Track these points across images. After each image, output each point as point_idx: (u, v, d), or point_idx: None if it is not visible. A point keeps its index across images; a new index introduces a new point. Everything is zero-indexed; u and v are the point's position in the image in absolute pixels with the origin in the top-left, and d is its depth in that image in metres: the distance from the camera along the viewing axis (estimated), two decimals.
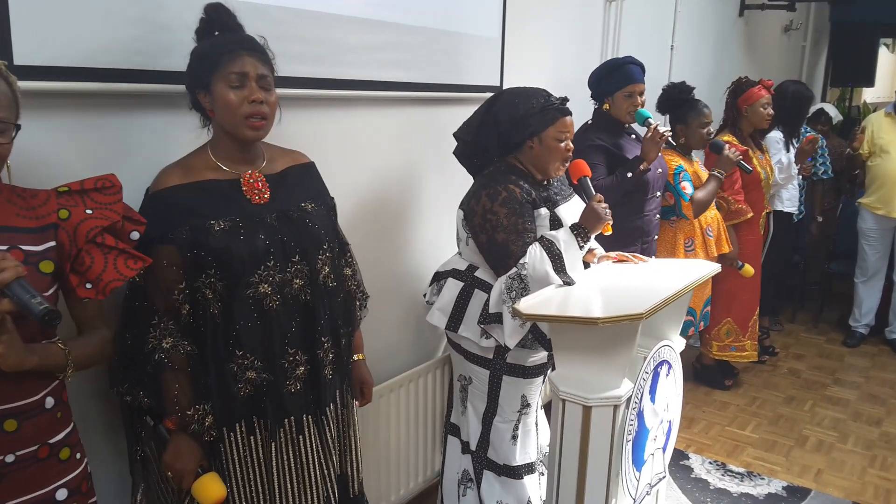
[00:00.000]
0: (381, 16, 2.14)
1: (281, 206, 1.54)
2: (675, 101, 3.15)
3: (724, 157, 3.02)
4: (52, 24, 1.38)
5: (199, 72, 1.45)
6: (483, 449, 2.22)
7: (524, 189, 2.03)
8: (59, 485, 1.26)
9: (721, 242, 3.27)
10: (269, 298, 1.49)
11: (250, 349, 1.49)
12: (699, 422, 3.48)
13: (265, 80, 1.46)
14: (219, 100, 1.44)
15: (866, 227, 4.43)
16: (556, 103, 2.06)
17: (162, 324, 1.44)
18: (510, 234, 1.98)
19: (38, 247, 1.21)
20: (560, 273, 1.93)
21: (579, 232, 2.00)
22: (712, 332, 3.71)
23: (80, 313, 1.33)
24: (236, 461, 1.53)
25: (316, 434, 1.62)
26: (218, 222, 1.44)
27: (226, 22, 1.48)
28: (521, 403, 2.17)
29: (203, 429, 1.47)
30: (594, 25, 3.36)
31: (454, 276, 2.16)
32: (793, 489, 2.88)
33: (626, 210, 2.61)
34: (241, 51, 1.43)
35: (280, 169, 1.60)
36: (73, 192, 1.28)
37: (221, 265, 1.44)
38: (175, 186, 1.45)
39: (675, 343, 2.09)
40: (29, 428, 1.19)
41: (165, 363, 1.43)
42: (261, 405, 1.53)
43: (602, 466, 1.79)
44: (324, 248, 1.59)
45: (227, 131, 1.48)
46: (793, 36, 6.06)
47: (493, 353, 2.12)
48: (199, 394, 1.48)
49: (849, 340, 4.60)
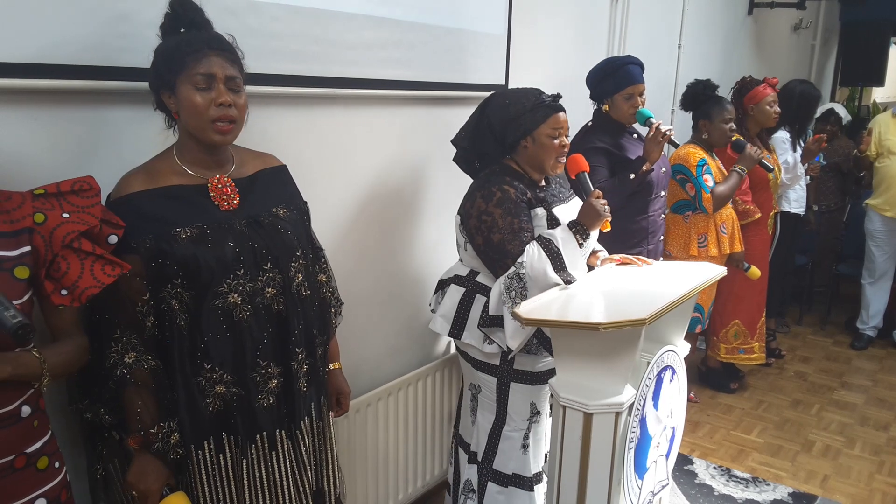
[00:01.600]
0: (382, 12, 2.10)
1: (251, 212, 1.47)
2: (700, 97, 3.19)
3: (747, 154, 3.07)
4: (33, 20, 1.34)
5: (164, 72, 1.37)
6: (489, 460, 2.17)
7: (519, 189, 2.00)
8: (38, 494, 1.23)
9: (734, 240, 3.26)
10: (240, 309, 1.42)
11: (219, 362, 1.42)
12: (704, 426, 3.44)
13: (234, 82, 1.39)
14: (184, 102, 1.36)
15: (874, 228, 4.38)
16: (547, 101, 2.03)
17: (124, 338, 1.36)
18: (506, 234, 1.95)
19: (13, 252, 1.17)
20: (559, 271, 1.90)
21: (577, 229, 1.96)
22: (720, 334, 3.67)
23: (56, 320, 1.28)
24: (205, 480, 1.46)
25: (290, 449, 1.56)
26: (184, 230, 1.37)
27: (192, 18, 1.40)
28: (530, 411, 2.12)
29: (168, 447, 1.40)
30: (600, 23, 3.32)
31: (456, 283, 2.13)
32: (798, 495, 2.84)
33: (630, 211, 2.58)
34: (207, 50, 1.35)
35: (250, 173, 1.53)
36: (50, 195, 1.24)
37: (188, 275, 1.37)
38: (138, 192, 1.38)
39: (679, 348, 2.05)
40: (3, 438, 1.16)
41: (128, 379, 1.36)
42: (230, 421, 1.46)
43: (603, 474, 1.75)
44: (297, 254, 1.53)
45: (193, 135, 1.41)
46: (802, 35, 6.00)
47: (500, 360, 2.08)
48: (164, 410, 1.41)
49: (856, 343, 4.55)
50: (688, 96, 3.24)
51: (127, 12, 1.49)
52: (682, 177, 3.07)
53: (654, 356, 1.88)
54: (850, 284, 4.96)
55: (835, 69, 6.71)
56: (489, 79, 2.59)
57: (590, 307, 1.82)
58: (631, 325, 1.61)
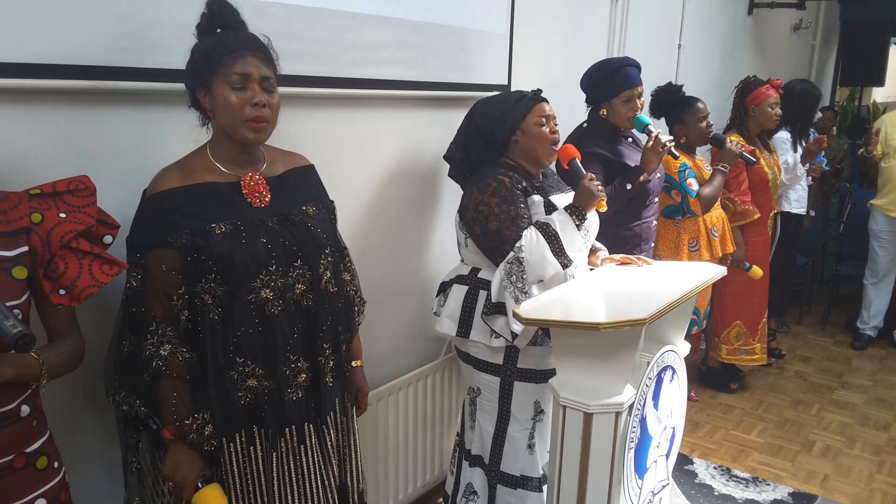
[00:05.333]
0: (385, 12, 2.10)
1: (282, 210, 1.51)
2: (668, 103, 3.14)
3: (727, 150, 3.01)
4: (34, 20, 1.35)
5: (200, 70, 1.41)
6: (496, 462, 2.15)
7: (514, 178, 2.02)
8: (37, 495, 1.22)
9: (726, 242, 3.23)
10: (271, 304, 1.45)
11: (251, 356, 1.45)
12: (704, 425, 3.44)
13: (268, 82, 1.43)
14: (220, 101, 1.40)
15: (878, 228, 4.37)
16: (528, 95, 2.08)
17: (160, 330, 1.40)
18: (503, 221, 1.96)
19: (10, 252, 1.17)
20: (558, 255, 1.91)
21: (573, 210, 1.98)
22: (721, 335, 3.67)
23: (53, 320, 1.28)
24: (236, 473, 1.49)
25: (317, 443, 1.59)
26: (219, 226, 1.41)
27: (228, 19, 1.44)
28: (534, 410, 2.11)
29: (203, 438, 1.43)
30: (601, 23, 3.32)
31: (458, 283, 2.13)
32: (799, 495, 2.84)
33: (624, 217, 2.54)
34: (244, 51, 1.39)
35: (280, 171, 1.57)
36: (46, 195, 1.23)
37: (222, 270, 1.40)
38: (174, 189, 1.41)
39: (680, 348, 2.05)
40: (4, 437, 1.16)
41: (163, 371, 1.39)
42: (261, 414, 1.49)
43: (603, 474, 1.75)
44: (325, 252, 1.56)
45: (228, 133, 1.44)
46: (802, 35, 6.00)
47: (503, 359, 2.07)
48: (198, 402, 1.44)
49: (856, 343, 4.55)
50: (655, 103, 3.17)
51: (127, 12, 1.49)
52: (667, 184, 2.98)
53: (655, 356, 1.87)
54: (850, 284, 4.95)
55: (835, 69, 6.70)
56: (492, 78, 2.58)
57: (590, 307, 1.82)
58: (631, 325, 1.61)
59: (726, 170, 3.04)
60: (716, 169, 3.05)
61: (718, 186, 3.04)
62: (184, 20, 1.48)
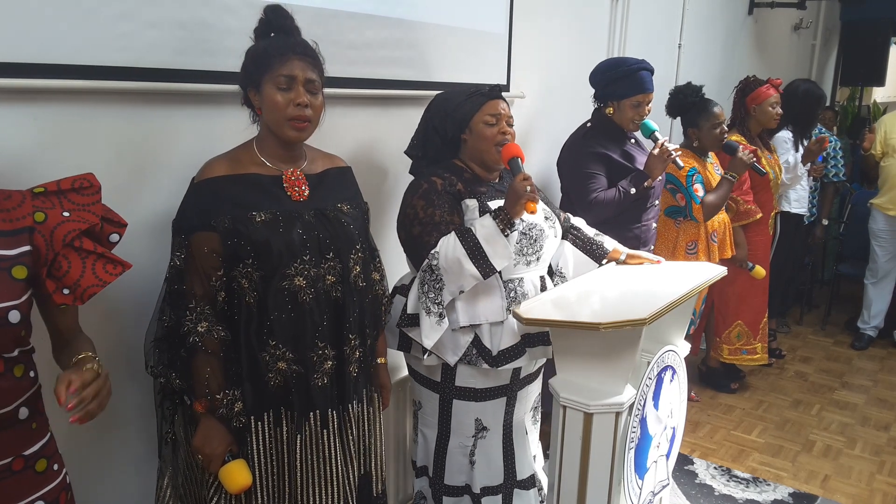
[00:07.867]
0: (383, 11, 2.10)
1: (319, 205, 1.60)
2: (685, 105, 3.08)
3: (738, 159, 2.94)
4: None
5: (252, 71, 1.52)
6: (439, 476, 2.06)
7: (447, 180, 1.89)
8: (36, 497, 1.21)
9: (725, 247, 3.22)
10: (304, 292, 1.53)
11: (283, 340, 1.53)
12: (704, 426, 3.44)
13: (312, 84, 1.52)
14: (267, 100, 1.51)
15: (877, 228, 4.37)
16: (483, 90, 1.94)
17: (199, 308, 1.48)
18: (425, 226, 1.84)
19: (11, 251, 1.15)
20: (478, 263, 1.75)
21: (497, 214, 1.78)
22: (723, 335, 3.66)
23: (58, 320, 1.28)
24: (262, 451, 1.55)
25: (337, 429, 1.64)
26: (259, 214, 1.50)
27: (282, 24, 1.54)
28: (476, 427, 1.99)
29: (232, 414, 1.51)
30: (601, 23, 3.32)
31: (400, 293, 1.99)
32: (799, 496, 2.84)
33: (624, 219, 2.54)
34: (291, 55, 1.49)
35: (319, 170, 1.67)
36: (50, 194, 1.22)
37: (259, 256, 1.49)
38: (220, 177, 1.51)
39: (680, 348, 2.05)
40: (1, 440, 1.15)
41: (199, 346, 1.47)
42: (289, 397, 1.56)
43: (604, 474, 1.75)
44: (356, 248, 1.64)
45: (273, 130, 1.54)
46: (803, 34, 6.00)
47: (441, 377, 1.96)
48: (229, 380, 1.52)
49: (857, 343, 4.55)
50: (673, 104, 3.13)
51: (127, 12, 1.50)
52: (672, 186, 2.99)
53: (655, 356, 1.87)
54: (850, 284, 4.95)
55: (835, 69, 6.71)
56: (491, 78, 2.57)
57: (590, 307, 1.82)
58: (631, 325, 1.61)
59: (734, 179, 2.98)
60: (724, 178, 3.00)
61: (724, 195, 2.99)
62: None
